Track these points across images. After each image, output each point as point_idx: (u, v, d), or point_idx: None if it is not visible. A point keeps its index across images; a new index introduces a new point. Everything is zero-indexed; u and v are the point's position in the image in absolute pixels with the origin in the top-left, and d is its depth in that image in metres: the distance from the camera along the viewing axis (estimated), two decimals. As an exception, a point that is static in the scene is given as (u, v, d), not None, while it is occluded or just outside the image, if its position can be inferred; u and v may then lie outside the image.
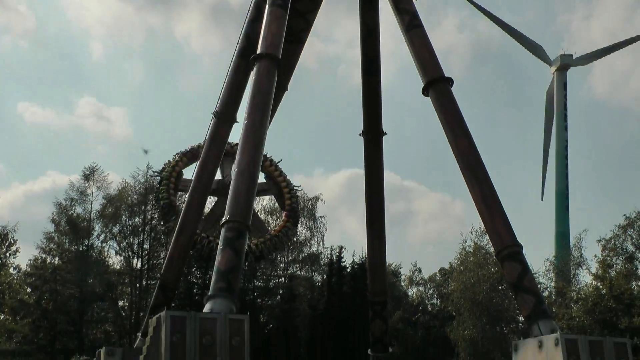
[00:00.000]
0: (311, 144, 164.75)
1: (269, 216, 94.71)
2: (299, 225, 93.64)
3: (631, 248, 75.34)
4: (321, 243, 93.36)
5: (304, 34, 51.49)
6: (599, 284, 66.06)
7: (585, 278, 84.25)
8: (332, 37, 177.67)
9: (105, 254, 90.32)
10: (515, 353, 47.04)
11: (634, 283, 69.86)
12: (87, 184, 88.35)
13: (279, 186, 58.88)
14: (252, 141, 47.03)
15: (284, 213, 56.33)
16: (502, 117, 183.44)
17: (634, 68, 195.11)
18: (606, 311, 61.87)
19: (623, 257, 74.67)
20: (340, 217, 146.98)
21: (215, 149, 55.01)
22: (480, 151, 48.00)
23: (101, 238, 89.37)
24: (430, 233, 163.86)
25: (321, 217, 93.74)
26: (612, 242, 75.17)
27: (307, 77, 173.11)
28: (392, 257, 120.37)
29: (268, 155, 55.96)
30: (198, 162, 55.34)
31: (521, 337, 55.12)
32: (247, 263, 77.87)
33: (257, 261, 55.35)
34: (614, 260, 73.77)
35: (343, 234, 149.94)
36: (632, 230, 75.02)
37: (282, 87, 50.36)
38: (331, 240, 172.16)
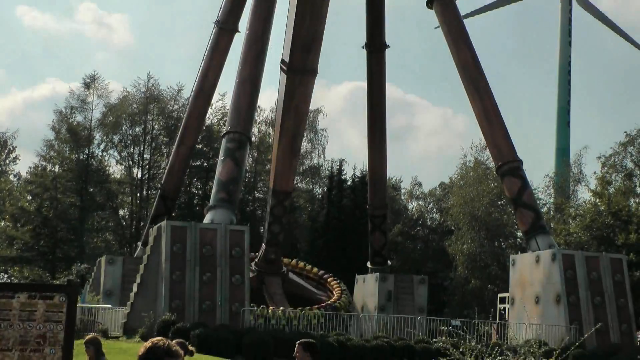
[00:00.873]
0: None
1: (270, 127, 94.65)
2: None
3: (630, 165, 75.50)
4: (322, 156, 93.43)
5: None
6: (597, 200, 66.39)
7: (584, 194, 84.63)
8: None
9: (106, 163, 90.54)
10: (512, 267, 47.54)
11: (632, 200, 70.19)
12: (87, 92, 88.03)
13: (301, 273, 58.23)
14: (254, 51, 46.66)
15: (329, 278, 56.20)
16: (506, 30, 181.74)
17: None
18: (604, 227, 62.29)
19: (622, 174, 74.89)
20: (341, 130, 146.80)
21: (217, 58, 54.69)
22: (482, 65, 47.84)
23: (102, 147, 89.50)
24: (431, 147, 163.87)
25: (322, 129, 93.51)
26: (612, 159, 75.30)
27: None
28: (393, 170, 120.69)
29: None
30: (198, 73, 55.10)
31: (519, 252, 55.64)
32: (247, 174, 77.94)
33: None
34: (613, 177, 74.00)
35: (344, 147, 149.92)
36: (632, 147, 75.08)
37: (312, 72, 49.05)
38: (332, 153, 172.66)
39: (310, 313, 41.63)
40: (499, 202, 78.26)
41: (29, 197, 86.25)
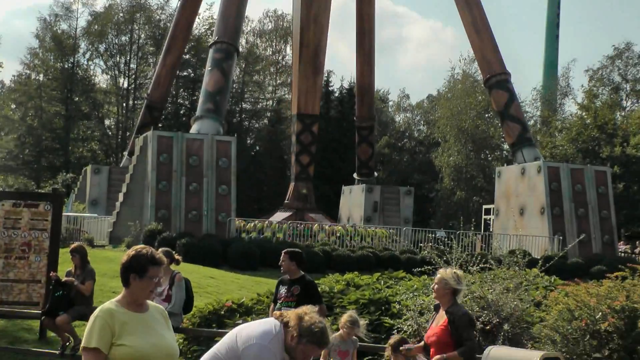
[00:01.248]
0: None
1: (258, 38, 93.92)
2: (288, 47, 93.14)
3: (618, 79, 75.53)
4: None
5: None
6: (583, 113, 66.46)
7: (570, 108, 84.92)
8: None
9: (91, 72, 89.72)
10: (498, 179, 47.76)
11: (618, 113, 70.33)
12: (72, 0, 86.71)
13: None
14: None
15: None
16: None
17: None
18: (589, 140, 62.46)
19: (609, 88, 74.91)
20: (329, 42, 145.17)
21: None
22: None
23: (87, 56, 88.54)
24: (420, 60, 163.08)
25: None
26: (600, 72, 75.27)
27: None
28: (381, 82, 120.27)
29: None
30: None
31: (505, 164, 55.75)
32: (234, 85, 77.34)
33: None
34: (600, 91, 74.03)
35: (332, 59, 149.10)
36: (619, 61, 74.99)
37: None
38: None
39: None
40: (486, 115, 78.23)
41: (13, 106, 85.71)
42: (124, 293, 6.03)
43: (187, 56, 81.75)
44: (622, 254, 44.77)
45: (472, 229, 37.53)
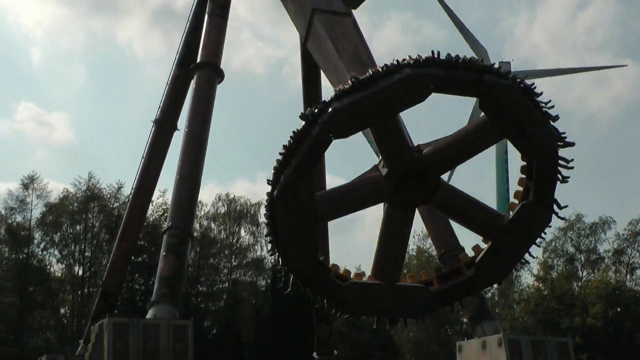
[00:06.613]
0: (255, 149, 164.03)
1: (212, 222, 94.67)
2: (242, 230, 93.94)
3: (571, 250, 76.53)
4: (265, 248, 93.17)
5: None
6: (540, 285, 66.91)
7: (527, 279, 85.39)
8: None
9: (46, 262, 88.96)
10: (459, 354, 47.27)
11: (574, 284, 70.91)
12: (26, 193, 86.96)
13: None
14: (194, 149, 46.57)
15: None
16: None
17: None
18: (548, 311, 62.63)
19: (564, 259, 75.82)
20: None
21: (156, 156, 54.33)
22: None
23: (42, 246, 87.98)
24: (376, 236, 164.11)
25: (264, 222, 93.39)
26: (553, 244, 76.32)
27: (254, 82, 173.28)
28: (337, 259, 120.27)
29: None
30: (139, 170, 54.80)
31: (465, 338, 55.42)
32: (190, 269, 77.18)
33: None
34: (555, 262, 74.85)
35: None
36: (571, 232, 76.19)
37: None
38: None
39: None
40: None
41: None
42: None
43: (142, 242, 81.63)
44: None
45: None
